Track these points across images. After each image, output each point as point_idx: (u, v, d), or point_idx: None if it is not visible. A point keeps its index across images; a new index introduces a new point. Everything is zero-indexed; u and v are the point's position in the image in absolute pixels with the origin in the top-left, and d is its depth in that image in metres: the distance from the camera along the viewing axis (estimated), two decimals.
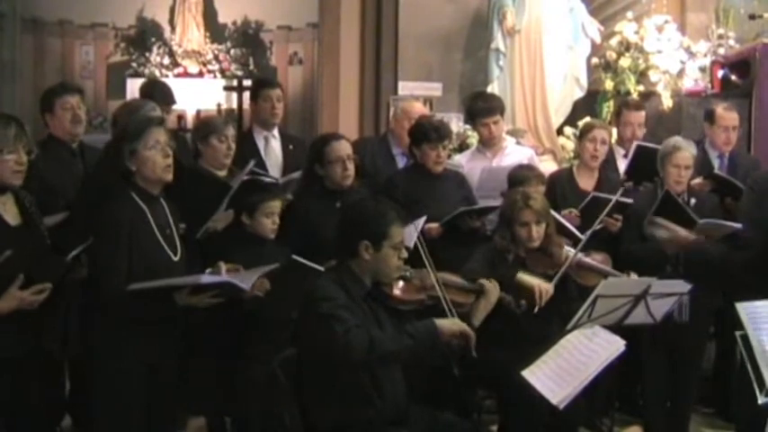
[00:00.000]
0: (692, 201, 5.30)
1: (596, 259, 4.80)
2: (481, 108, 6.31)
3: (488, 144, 6.22)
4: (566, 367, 3.85)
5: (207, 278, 3.85)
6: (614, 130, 6.93)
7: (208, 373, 4.70)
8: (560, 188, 5.75)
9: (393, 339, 3.60)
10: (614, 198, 5.28)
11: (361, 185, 5.40)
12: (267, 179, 5.14)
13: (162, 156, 3.93)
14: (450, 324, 3.73)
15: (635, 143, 6.09)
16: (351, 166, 5.17)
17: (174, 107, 6.64)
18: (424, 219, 5.11)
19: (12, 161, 3.83)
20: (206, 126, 5.19)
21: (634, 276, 4.64)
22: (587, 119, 7.05)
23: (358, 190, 5.25)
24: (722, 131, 6.11)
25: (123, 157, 3.91)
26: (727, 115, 6.12)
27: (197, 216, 4.54)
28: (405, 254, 3.83)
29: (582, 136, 5.98)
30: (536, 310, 4.48)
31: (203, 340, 4.47)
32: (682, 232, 4.96)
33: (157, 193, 4.00)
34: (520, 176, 5.43)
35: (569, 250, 4.75)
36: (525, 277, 4.57)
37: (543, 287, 4.52)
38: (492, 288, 4.21)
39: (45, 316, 3.86)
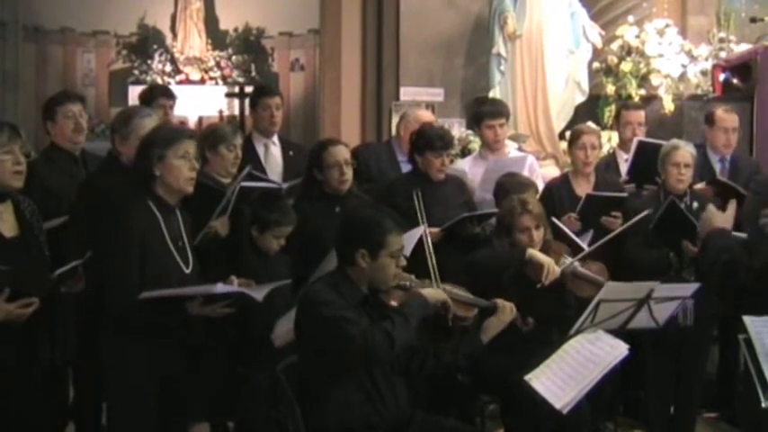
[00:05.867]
0: (695, 204, 5.28)
1: (592, 269, 4.78)
2: (488, 110, 6.33)
3: (492, 148, 6.22)
4: (569, 372, 3.83)
5: (221, 288, 3.82)
6: (615, 134, 6.96)
7: (211, 378, 4.70)
8: (557, 195, 5.74)
9: (400, 326, 3.61)
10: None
11: (361, 190, 5.40)
12: (268, 184, 5.14)
13: (188, 168, 3.92)
14: (433, 293, 3.85)
15: (636, 139, 6.08)
16: (348, 171, 5.18)
17: (176, 114, 6.70)
18: (425, 227, 5.11)
19: (9, 162, 3.84)
20: (215, 135, 5.20)
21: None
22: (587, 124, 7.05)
23: (358, 195, 5.26)
24: (722, 133, 6.11)
25: (150, 160, 3.89)
26: (727, 117, 6.13)
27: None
28: (403, 262, 3.83)
29: (571, 144, 5.96)
30: (538, 286, 4.50)
31: (207, 346, 4.46)
32: None
33: (174, 204, 3.98)
34: (513, 186, 5.37)
35: (567, 258, 4.75)
36: (537, 254, 4.60)
37: (552, 267, 4.55)
38: (507, 308, 4.13)
39: (38, 329, 3.86)
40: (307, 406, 3.66)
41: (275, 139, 6.19)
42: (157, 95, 6.12)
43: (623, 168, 6.27)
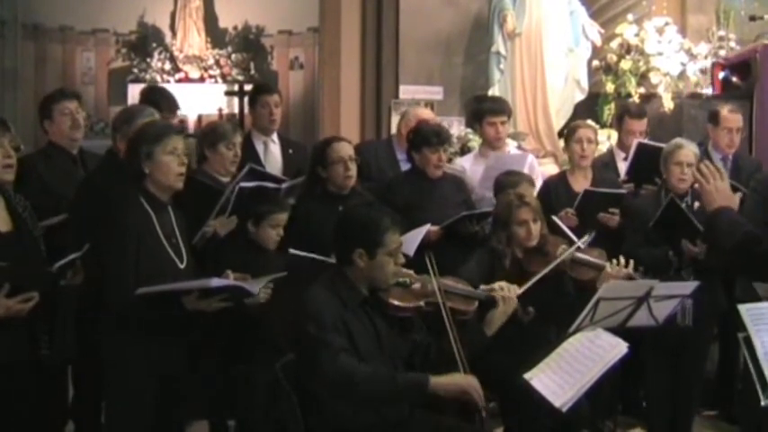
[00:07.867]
0: (696, 204, 5.27)
1: (593, 255, 4.79)
2: (490, 107, 6.33)
3: (493, 146, 6.21)
4: (568, 370, 3.83)
5: (217, 282, 3.82)
6: (615, 134, 6.96)
7: (211, 377, 4.70)
8: (554, 192, 5.76)
9: (378, 381, 3.57)
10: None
11: (363, 189, 5.39)
12: (267, 182, 5.13)
13: (177, 163, 3.92)
14: (447, 382, 3.63)
15: (635, 141, 6.07)
16: (353, 167, 5.18)
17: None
18: (427, 226, 5.11)
19: None
20: (215, 133, 5.20)
21: (622, 267, 4.62)
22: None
23: (360, 193, 5.25)
24: (726, 133, 6.10)
25: (139, 157, 3.89)
26: (732, 117, 6.11)
27: (191, 223, 4.53)
28: (402, 259, 3.81)
29: (568, 138, 5.99)
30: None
31: (206, 344, 4.47)
32: None
33: (166, 200, 3.99)
34: (509, 181, 5.37)
35: (565, 248, 4.74)
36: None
37: (507, 297, 4.24)
38: (509, 297, 4.13)
39: (37, 323, 3.86)
40: (305, 406, 3.65)
41: (274, 137, 6.19)
42: (161, 109, 5.80)
43: (621, 167, 6.26)
